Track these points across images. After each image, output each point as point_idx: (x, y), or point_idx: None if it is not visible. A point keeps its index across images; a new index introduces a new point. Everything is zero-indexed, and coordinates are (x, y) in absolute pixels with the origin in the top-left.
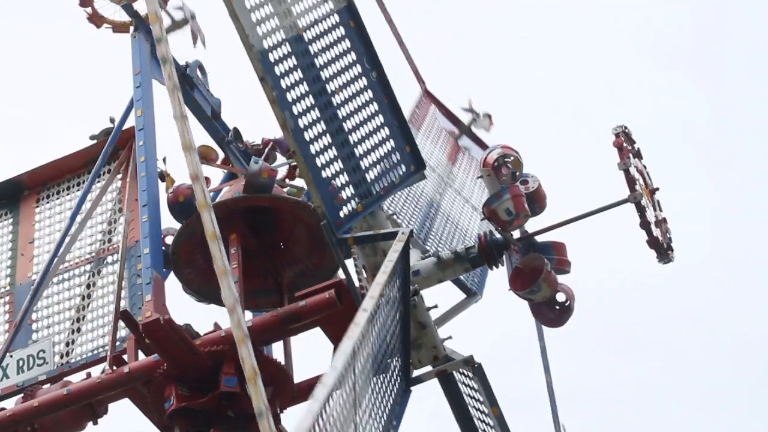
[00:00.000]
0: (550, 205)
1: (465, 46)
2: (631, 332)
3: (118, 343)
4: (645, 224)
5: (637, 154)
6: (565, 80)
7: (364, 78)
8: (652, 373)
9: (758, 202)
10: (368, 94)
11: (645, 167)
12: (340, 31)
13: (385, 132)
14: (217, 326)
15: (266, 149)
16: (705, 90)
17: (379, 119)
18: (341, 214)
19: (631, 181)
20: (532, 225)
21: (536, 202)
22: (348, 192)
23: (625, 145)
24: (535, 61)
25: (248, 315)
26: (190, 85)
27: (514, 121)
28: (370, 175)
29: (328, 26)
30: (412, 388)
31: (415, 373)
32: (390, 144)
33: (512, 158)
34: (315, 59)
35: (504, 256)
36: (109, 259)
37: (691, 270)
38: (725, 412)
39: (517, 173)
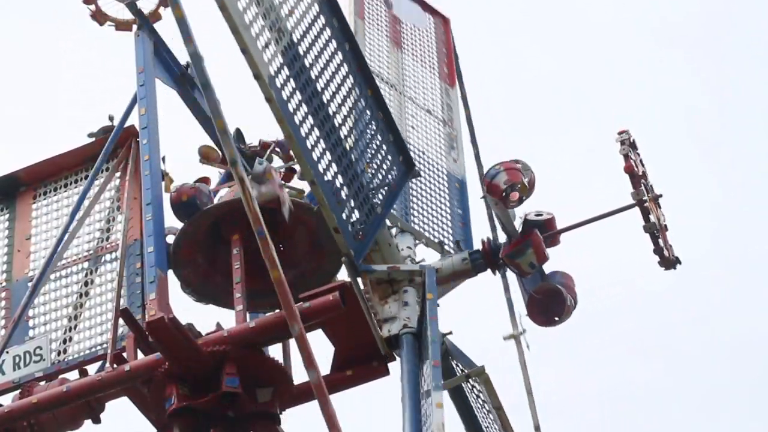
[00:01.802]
0: (552, 202)
1: (466, 26)
2: (631, 333)
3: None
4: (658, 250)
5: (633, 145)
6: (566, 63)
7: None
8: (654, 375)
9: (759, 199)
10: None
11: (644, 165)
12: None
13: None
14: (219, 326)
15: (268, 151)
16: (708, 81)
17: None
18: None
19: (645, 212)
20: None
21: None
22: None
23: (636, 170)
24: (534, 44)
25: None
26: (191, 85)
27: (514, 104)
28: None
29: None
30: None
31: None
32: (387, 163)
33: (519, 185)
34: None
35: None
36: (107, 257)
37: (690, 267)
38: (725, 412)
39: (525, 198)
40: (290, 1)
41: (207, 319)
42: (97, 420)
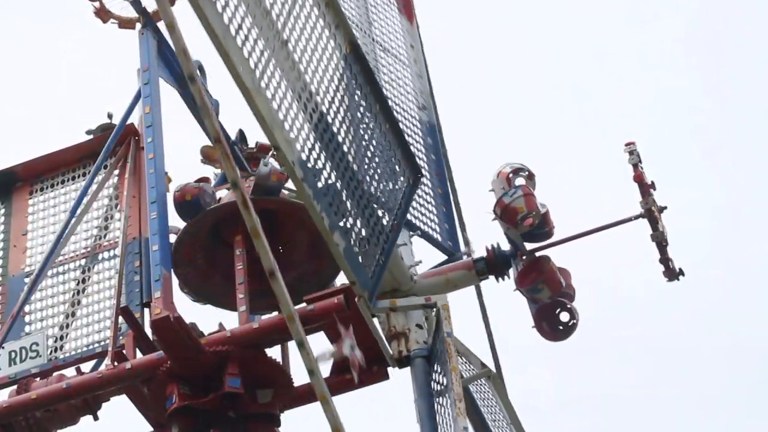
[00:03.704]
0: (553, 204)
1: (462, 28)
2: (632, 337)
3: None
4: (664, 261)
5: (636, 155)
6: (567, 63)
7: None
8: (657, 376)
9: (761, 200)
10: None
11: (642, 166)
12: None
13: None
14: (221, 326)
15: (269, 154)
16: (711, 81)
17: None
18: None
19: (653, 221)
20: None
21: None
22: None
23: (645, 180)
24: (534, 45)
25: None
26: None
27: (513, 106)
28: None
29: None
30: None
31: None
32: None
33: (534, 213)
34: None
35: (512, 267)
36: (105, 254)
37: (691, 268)
38: (723, 410)
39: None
40: None
41: (209, 319)
42: (96, 417)
